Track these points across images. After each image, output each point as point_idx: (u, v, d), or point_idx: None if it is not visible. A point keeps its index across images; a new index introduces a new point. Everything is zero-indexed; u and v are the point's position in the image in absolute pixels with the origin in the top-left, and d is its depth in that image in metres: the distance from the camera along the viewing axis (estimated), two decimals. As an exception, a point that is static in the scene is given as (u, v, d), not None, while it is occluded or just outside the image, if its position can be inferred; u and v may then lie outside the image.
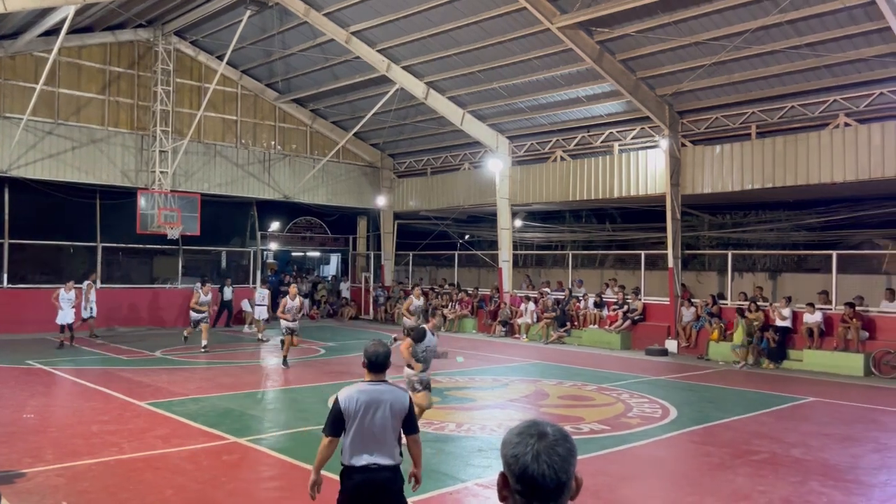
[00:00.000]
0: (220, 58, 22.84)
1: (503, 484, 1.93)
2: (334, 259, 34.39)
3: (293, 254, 33.43)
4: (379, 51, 20.89)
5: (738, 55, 16.43)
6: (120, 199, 22.64)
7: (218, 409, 10.77)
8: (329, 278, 32.40)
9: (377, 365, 4.74)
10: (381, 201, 28.13)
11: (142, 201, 22.06)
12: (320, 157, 26.51)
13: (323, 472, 4.68)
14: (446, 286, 27.15)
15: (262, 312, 21.21)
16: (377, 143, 27.70)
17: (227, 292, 23.77)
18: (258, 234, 27.18)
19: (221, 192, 24.60)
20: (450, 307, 24.76)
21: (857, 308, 16.85)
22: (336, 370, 14.91)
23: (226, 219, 26.13)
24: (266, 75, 24.94)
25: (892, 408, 12.05)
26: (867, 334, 16.49)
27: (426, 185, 27.58)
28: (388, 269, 29.15)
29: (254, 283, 25.64)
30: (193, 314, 17.81)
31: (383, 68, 21.23)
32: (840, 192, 20.36)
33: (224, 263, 27.43)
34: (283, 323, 15.50)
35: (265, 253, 29.59)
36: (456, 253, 29.09)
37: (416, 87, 21.88)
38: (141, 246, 24.08)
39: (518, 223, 27.10)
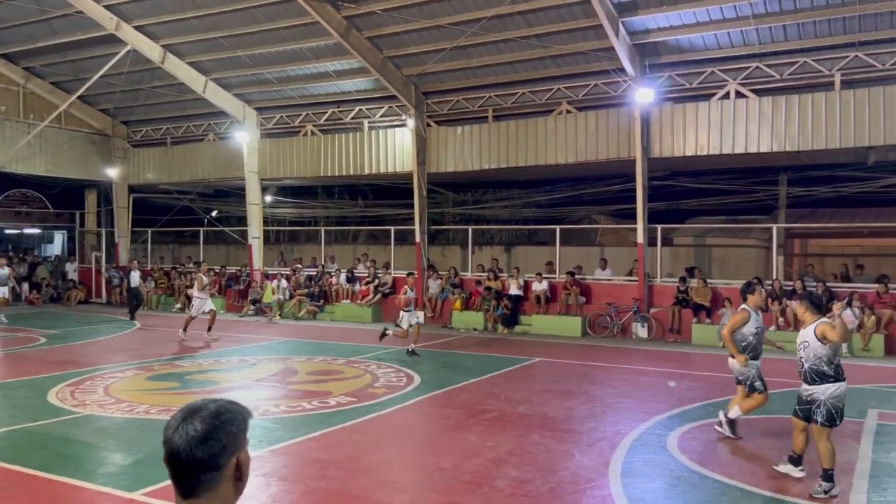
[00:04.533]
0: None
1: None
2: (59, 237, 30.70)
3: (6, 231, 29.25)
4: (106, 6, 18.84)
5: (477, 41, 17.41)
6: None
7: None
8: (52, 258, 28.89)
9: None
10: (112, 173, 25.65)
11: None
12: (37, 122, 23.42)
13: None
14: (190, 264, 25.63)
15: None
16: (107, 108, 25.13)
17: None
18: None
19: None
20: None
21: (577, 276, 18.92)
22: (58, 360, 13.37)
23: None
24: (-36, 23, 21.37)
25: (602, 363, 13.73)
26: (584, 299, 18.59)
27: (166, 156, 25.67)
28: (123, 248, 26.75)
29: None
30: None
31: (112, 26, 19.22)
32: (564, 172, 22.60)
33: None
34: None
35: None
36: (202, 229, 27.55)
37: (152, 50, 20.15)
38: None
39: (268, 198, 26.38)
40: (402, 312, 14.38)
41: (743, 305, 8.11)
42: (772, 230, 19.21)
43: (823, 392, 6.34)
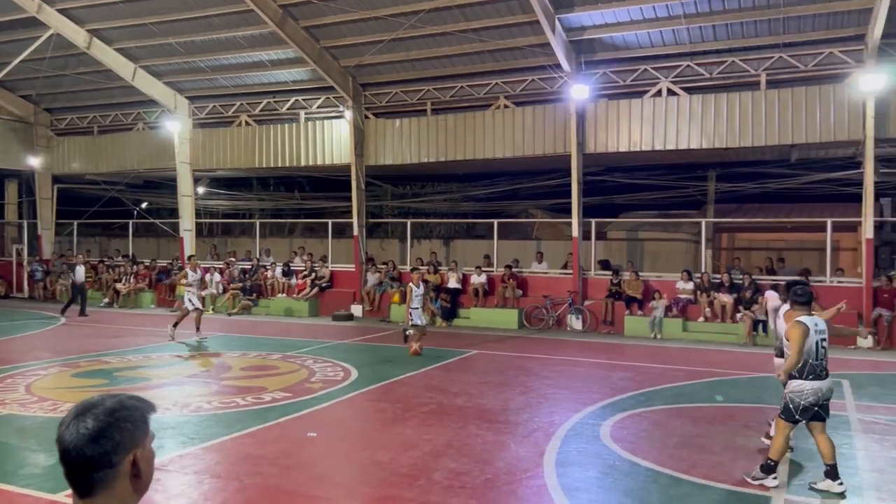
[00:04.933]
0: None
1: None
2: (-23, 229, 29.26)
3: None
4: (27, -13, 18.01)
5: (415, 33, 17.35)
6: None
7: None
8: (-31, 252, 27.52)
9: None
10: (35, 162, 24.55)
11: None
12: (-48, 108, 22.23)
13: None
14: (119, 258, 24.80)
15: None
16: (29, 94, 24.01)
17: None
18: None
19: None
20: (124, 281, 22.69)
21: (514, 269, 19.12)
22: (-24, 358, 12.74)
23: None
24: None
25: (538, 355, 13.92)
26: (521, 292, 18.80)
27: (93, 145, 24.71)
28: (46, 241, 25.67)
29: None
30: None
31: (33, 9, 18.36)
32: (502, 166, 22.81)
33: None
34: None
35: None
36: (131, 222, 26.68)
37: (77, 35, 19.34)
38: None
39: (201, 190, 25.72)
40: (410, 311, 13.51)
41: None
42: (701, 224, 19.84)
43: (788, 386, 6.25)
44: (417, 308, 13.64)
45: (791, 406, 6.19)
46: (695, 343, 15.84)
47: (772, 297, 10.58)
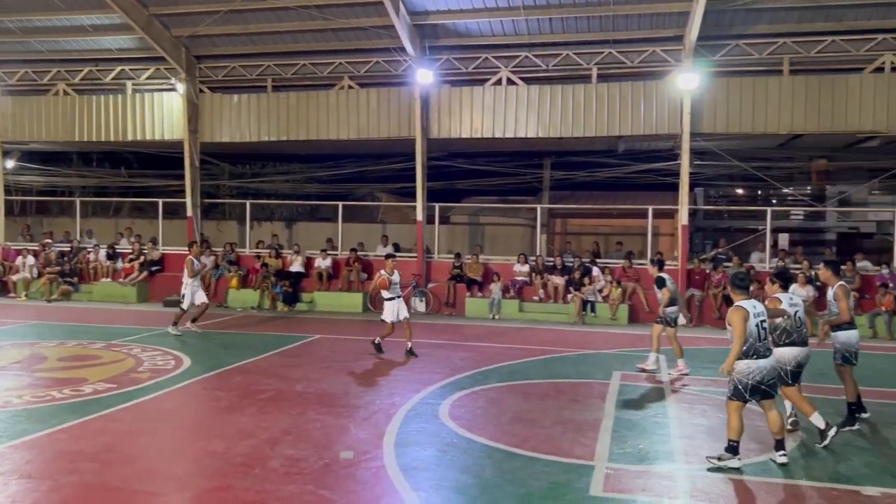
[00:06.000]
0: None
1: None
2: None
3: None
4: None
5: (254, 6, 16.66)
6: None
7: None
8: None
9: None
10: None
11: None
12: None
13: None
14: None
15: None
16: None
17: None
18: None
19: None
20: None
21: (359, 253, 19.00)
22: None
23: None
24: None
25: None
26: (366, 276, 18.72)
27: None
28: None
29: None
30: None
31: None
32: (347, 148, 22.54)
33: None
34: None
35: None
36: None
37: None
38: None
39: (10, 164, 23.27)
40: (384, 302, 11.98)
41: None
42: (537, 210, 20.77)
43: (736, 366, 6.49)
44: (393, 298, 11.91)
45: (740, 387, 6.46)
46: (530, 323, 16.57)
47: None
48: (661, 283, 10.87)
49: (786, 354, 7.35)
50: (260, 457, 6.55)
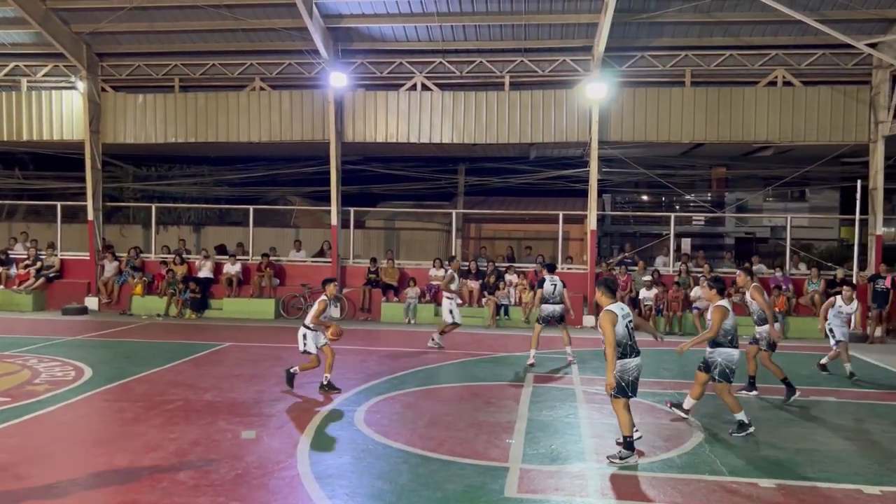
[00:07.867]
0: None
1: None
2: None
3: None
4: None
5: (160, 3, 16.08)
6: None
7: None
8: None
9: None
10: None
11: None
12: None
13: None
14: None
15: None
16: None
17: None
18: None
19: None
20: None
21: (271, 258, 18.62)
22: None
23: None
24: None
25: (294, 345, 13.60)
26: (278, 281, 18.38)
27: None
28: None
29: None
30: None
31: None
32: (258, 151, 22.07)
33: None
34: None
35: None
36: None
37: None
38: None
39: None
40: (444, 300, 13.56)
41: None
42: (452, 215, 20.93)
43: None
44: (452, 298, 13.52)
45: (623, 384, 6.83)
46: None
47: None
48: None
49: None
50: (168, 469, 6.33)
